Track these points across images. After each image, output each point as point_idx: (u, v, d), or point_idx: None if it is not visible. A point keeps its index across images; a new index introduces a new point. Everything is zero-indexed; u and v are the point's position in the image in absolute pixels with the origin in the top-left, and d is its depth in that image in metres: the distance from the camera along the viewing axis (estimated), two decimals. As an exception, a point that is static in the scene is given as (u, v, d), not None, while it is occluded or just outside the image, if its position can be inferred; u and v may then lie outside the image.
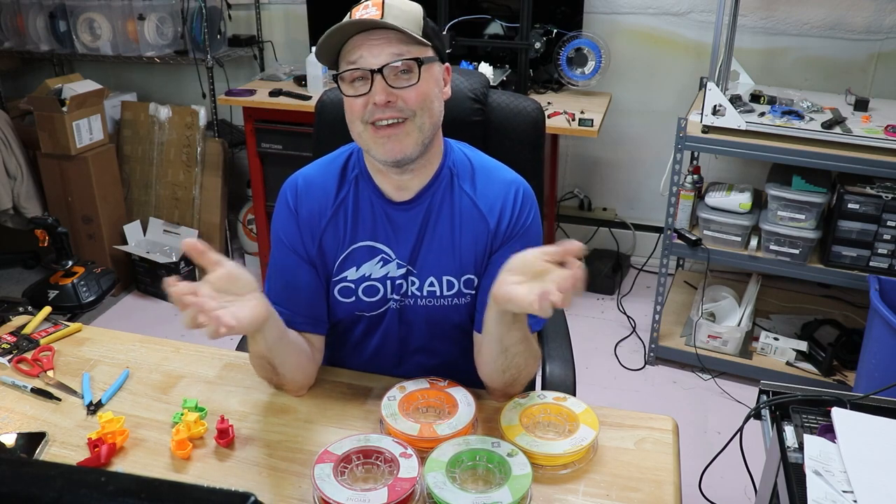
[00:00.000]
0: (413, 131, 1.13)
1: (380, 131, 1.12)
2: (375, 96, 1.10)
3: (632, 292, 3.20)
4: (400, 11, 1.11)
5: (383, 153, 1.13)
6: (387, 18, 1.08)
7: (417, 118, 1.13)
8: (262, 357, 1.15)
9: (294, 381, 1.22)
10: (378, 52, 1.09)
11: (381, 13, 1.09)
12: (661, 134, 3.06)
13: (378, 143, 1.13)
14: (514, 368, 1.16)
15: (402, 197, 1.22)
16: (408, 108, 1.11)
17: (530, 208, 1.24)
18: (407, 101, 1.11)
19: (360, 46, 1.10)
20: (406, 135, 1.13)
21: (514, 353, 1.14)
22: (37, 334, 1.41)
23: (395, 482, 1.00)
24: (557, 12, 2.88)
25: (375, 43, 1.09)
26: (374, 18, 1.08)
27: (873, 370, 2.06)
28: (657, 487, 1.05)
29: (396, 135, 1.12)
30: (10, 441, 1.12)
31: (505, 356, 1.14)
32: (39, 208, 3.16)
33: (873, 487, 0.99)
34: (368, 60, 1.09)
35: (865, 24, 2.74)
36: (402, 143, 1.13)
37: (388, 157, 1.14)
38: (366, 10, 1.10)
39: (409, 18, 1.11)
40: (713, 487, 1.73)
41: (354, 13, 1.10)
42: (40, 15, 3.33)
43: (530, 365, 1.19)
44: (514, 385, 1.20)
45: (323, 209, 1.23)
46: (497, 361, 1.16)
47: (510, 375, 1.17)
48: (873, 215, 2.29)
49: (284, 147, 2.83)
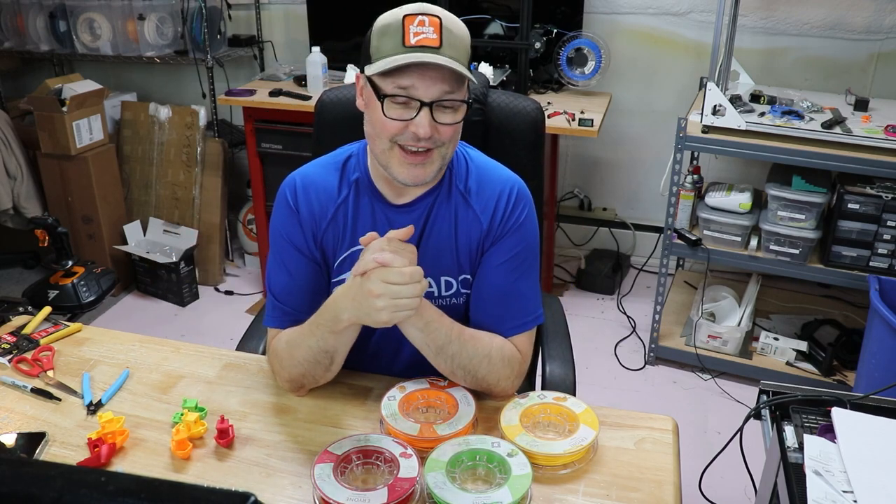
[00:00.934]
0: (437, 160, 1.15)
1: (408, 157, 1.13)
2: (420, 129, 1.09)
3: (632, 292, 3.20)
4: (456, 39, 1.10)
5: (405, 176, 1.15)
6: (445, 48, 1.08)
7: (444, 148, 1.14)
8: (330, 351, 1.16)
9: (328, 379, 1.23)
10: (431, 84, 1.09)
11: (440, 40, 1.08)
12: (661, 134, 3.06)
13: (403, 166, 1.14)
14: (461, 369, 1.17)
15: (401, 200, 1.23)
16: (440, 141, 1.13)
17: (524, 206, 1.24)
18: (443, 134, 1.12)
19: (414, 74, 1.08)
20: (431, 162, 1.14)
21: (451, 354, 1.15)
22: (37, 334, 1.41)
23: (395, 482, 1.00)
24: (557, 12, 2.88)
25: (431, 76, 1.09)
26: (433, 44, 1.07)
27: (873, 370, 2.06)
28: (657, 487, 1.05)
29: (423, 163, 1.13)
30: (10, 441, 1.12)
31: (443, 359, 1.16)
32: (39, 208, 3.16)
33: (873, 487, 0.99)
34: (420, 92, 1.09)
35: (865, 24, 2.74)
36: (426, 170, 1.14)
37: (409, 181, 1.15)
38: (422, 27, 1.08)
39: (461, 47, 1.11)
40: (713, 487, 1.73)
41: (408, 25, 1.08)
42: (40, 15, 3.33)
43: (482, 366, 1.18)
44: (481, 385, 1.20)
45: (323, 210, 1.23)
46: (439, 364, 1.18)
47: (463, 376, 1.18)
48: (873, 215, 2.29)
49: (284, 147, 2.83)
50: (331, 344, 1.15)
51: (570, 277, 3.30)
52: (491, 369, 1.19)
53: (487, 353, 1.18)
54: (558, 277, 3.29)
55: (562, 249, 3.44)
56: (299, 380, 1.22)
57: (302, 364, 1.19)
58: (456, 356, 1.16)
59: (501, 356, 1.20)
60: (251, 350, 1.42)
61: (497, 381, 1.20)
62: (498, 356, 1.19)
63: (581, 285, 3.23)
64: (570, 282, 3.28)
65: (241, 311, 3.10)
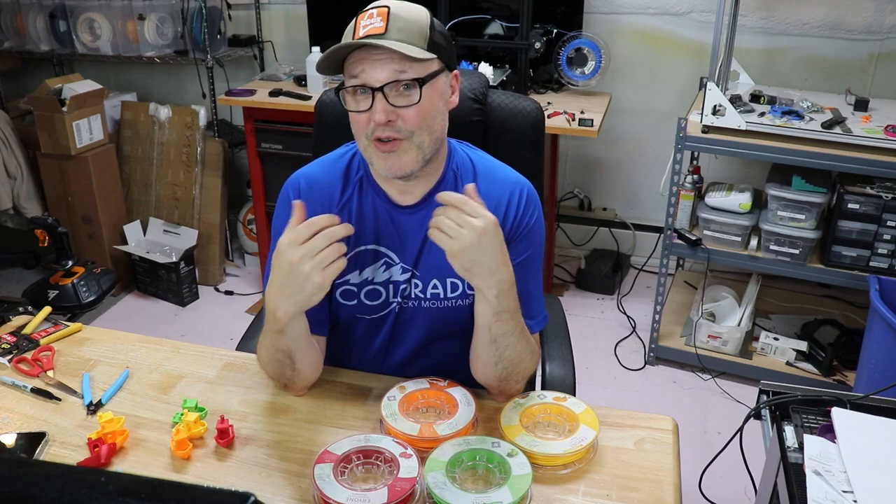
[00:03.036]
0: (411, 149, 1.13)
1: (381, 146, 1.12)
2: (375, 114, 1.09)
3: (632, 292, 3.20)
4: (405, 23, 1.08)
5: (384, 168, 1.14)
6: (391, 31, 1.06)
7: (416, 137, 1.12)
8: (285, 350, 1.15)
9: (305, 378, 1.22)
10: (380, 67, 1.07)
11: (386, 25, 1.07)
12: (661, 134, 3.06)
13: (380, 158, 1.13)
14: (505, 361, 1.16)
15: (406, 201, 1.22)
16: (406, 129, 1.10)
17: (534, 209, 1.24)
18: (406, 120, 1.10)
19: (363, 61, 1.08)
20: (405, 152, 1.12)
21: (504, 346, 1.14)
22: (37, 334, 1.41)
23: (395, 482, 1.00)
24: (557, 12, 2.89)
25: (378, 59, 1.07)
26: (378, 32, 1.06)
27: (873, 370, 2.06)
28: (657, 487, 1.05)
29: (395, 151, 1.12)
30: (10, 441, 1.12)
31: (495, 347, 1.15)
32: (39, 208, 3.16)
33: (873, 487, 0.99)
34: (370, 76, 1.08)
35: (865, 24, 2.74)
36: (402, 160, 1.13)
37: (388, 173, 1.14)
38: (370, 19, 1.08)
39: (413, 30, 1.09)
40: (713, 487, 1.73)
41: (359, 21, 1.09)
42: (40, 15, 3.33)
43: (525, 361, 1.18)
44: (507, 381, 1.19)
45: (326, 210, 1.22)
46: (488, 352, 1.16)
47: (502, 368, 1.17)
48: (873, 215, 2.29)
49: (284, 147, 2.83)
50: (282, 343, 1.14)
51: (570, 277, 3.31)
52: (527, 366, 1.20)
53: (533, 349, 1.20)
54: (558, 277, 3.29)
55: (562, 249, 3.44)
56: (277, 379, 1.23)
57: (270, 364, 1.20)
58: (509, 348, 1.15)
59: (533, 355, 1.21)
60: (251, 350, 1.41)
61: (522, 379, 1.21)
62: (534, 355, 1.21)
63: (581, 285, 3.23)
64: (570, 282, 3.28)
65: (241, 311, 3.10)
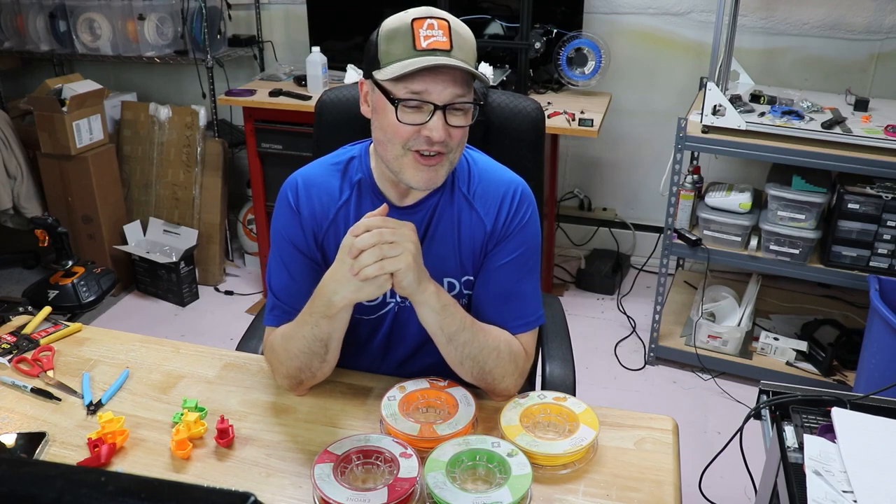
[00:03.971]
0: (446, 164, 1.15)
1: (423, 160, 1.13)
2: (434, 132, 1.09)
3: (632, 292, 3.20)
4: (464, 42, 1.10)
5: (418, 181, 1.14)
6: (455, 51, 1.08)
7: (453, 153, 1.15)
8: (324, 339, 1.16)
9: (326, 373, 1.23)
10: (443, 88, 1.09)
11: (450, 43, 1.08)
12: (661, 134, 3.06)
13: (417, 170, 1.14)
14: (469, 359, 1.17)
15: (404, 202, 1.23)
16: (450, 146, 1.13)
17: (527, 208, 1.24)
18: (453, 138, 1.12)
19: (427, 80, 1.08)
20: (441, 167, 1.14)
21: (461, 343, 1.15)
22: (37, 334, 1.41)
23: (395, 482, 1.00)
24: (557, 12, 2.88)
25: (444, 79, 1.09)
26: (443, 48, 1.07)
27: (873, 370, 2.06)
28: (657, 487, 1.05)
29: (434, 166, 1.13)
30: (10, 441, 1.12)
31: (453, 346, 1.16)
32: (39, 208, 3.16)
33: (873, 487, 0.99)
34: (433, 95, 1.09)
35: (865, 24, 2.74)
36: (437, 174, 1.15)
37: (421, 186, 1.15)
38: (432, 30, 1.08)
39: (469, 49, 1.11)
40: (713, 487, 1.73)
41: (417, 29, 1.08)
42: (40, 15, 3.33)
43: (492, 357, 1.18)
44: (486, 379, 1.19)
45: (325, 211, 1.24)
46: (450, 354, 1.17)
47: (470, 367, 1.18)
48: (873, 215, 2.28)
49: (284, 147, 2.83)
50: (325, 331, 1.15)
51: (570, 277, 3.30)
52: (499, 362, 1.19)
53: (496, 346, 1.19)
54: (558, 277, 3.29)
55: (562, 249, 3.44)
56: (297, 375, 1.22)
57: (298, 357, 1.19)
58: (467, 344, 1.16)
59: (509, 351, 1.20)
60: (251, 350, 1.42)
61: (502, 376, 1.20)
62: (506, 350, 1.20)
63: (581, 285, 3.23)
64: (570, 282, 3.28)
65: (241, 311, 3.10)
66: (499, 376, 1.20)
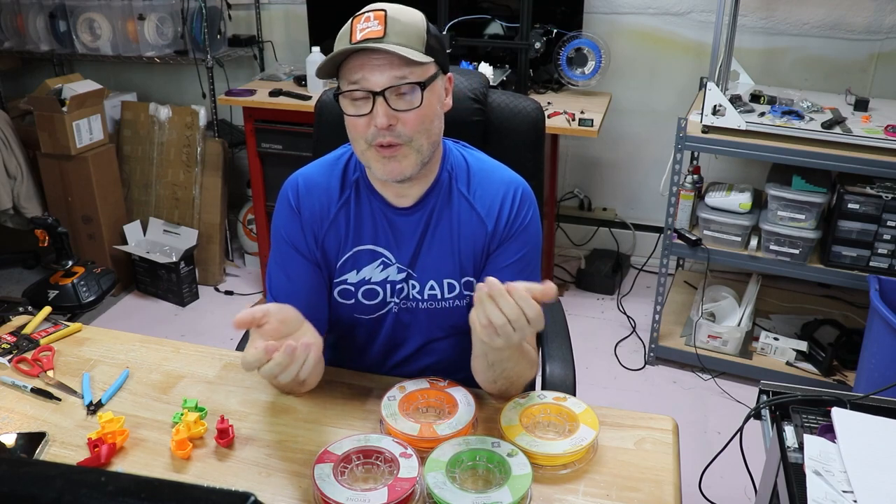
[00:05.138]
0: (411, 154, 1.13)
1: (381, 151, 1.12)
2: (377, 119, 1.09)
3: (632, 292, 3.20)
4: (402, 26, 1.08)
5: (383, 173, 1.14)
6: (389, 35, 1.06)
7: (415, 142, 1.12)
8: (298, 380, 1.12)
9: (309, 386, 1.22)
10: (380, 73, 1.08)
11: (384, 29, 1.07)
12: (661, 134, 3.06)
13: (379, 162, 1.13)
14: (503, 379, 1.17)
15: (402, 203, 1.23)
16: (405, 133, 1.11)
17: (528, 208, 1.24)
18: (406, 124, 1.10)
19: (363, 67, 1.08)
20: (404, 157, 1.13)
21: (502, 368, 1.15)
22: (37, 334, 1.41)
23: (395, 482, 1.00)
24: (557, 12, 2.88)
25: (377, 64, 1.07)
26: (376, 36, 1.06)
27: (873, 370, 2.06)
28: (657, 487, 1.05)
29: (395, 156, 1.12)
30: (10, 441, 1.12)
31: (493, 370, 1.16)
32: (39, 208, 3.16)
33: (873, 487, 0.99)
34: (370, 81, 1.08)
35: (865, 24, 2.74)
36: (402, 164, 1.13)
37: (387, 177, 1.15)
38: (367, 22, 1.08)
39: (411, 34, 1.09)
40: (713, 487, 1.73)
41: (356, 24, 1.08)
42: (40, 15, 3.33)
43: (524, 373, 1.19)
44: (508, 391, 1.20)
45: (325, 211, 1.24)
46: (486, 374, 1.17)
47: (501, 385, 1.18)
48: (873, 215, 2.28)
49: (284, 147, 2.83)
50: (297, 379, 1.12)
51: (570, 277, 3.30)
52: (528, 375, 1.21)
53: (532, 361, 1.21)
54: (558, 277, 3.29)
55: (562, 249, 3.44)
56: (282, 388, 1.23)
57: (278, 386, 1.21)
58: (508, 368, 1.15)
59: (531, 363, 1.22)
60: (251, 350, 1.41)
61: (522, 385, 1.22)
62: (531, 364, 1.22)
63: (581, 285, 3.23)
64: (570, 282, 3.28)
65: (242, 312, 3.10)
66: (520, 387, 1.21)
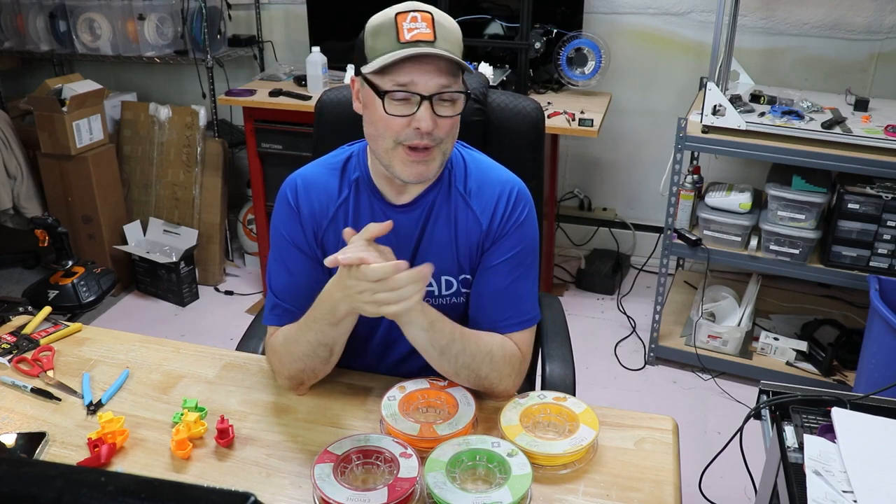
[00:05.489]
0: (438, 156, 1.15)
1: (412, 154, 1.13)
2: (422, 122, 1.10)
3: (632, 292, 3.20)
4: (448, 32, 1.11)
5: (408, 175, 1.15)
6: (439, 41, 1.08)
7: (443, 144, 1.15)
8: (329, 343, 1.16)
9: (327, 372, 1.23)
10: (429, 78, 1.09)
11: (433, 34, 1.08)
12: (661, 134, 3.06)
13: (406, 164, 1.14)
14: (465, 369, 1.17)
15: (401, 200, 1.23)
16: (440, 137, 1.13)
17: (524, 207, 1.24)
18: (442, 129, 1.12)
19: (412, 71, 1.09)
20: (433, 159, 1.15)
21: (454, 353, 1.15)
22: (37, 334, 1.41)
23: (395, 482, 1.00)
24: (557, 12, 2.88)
25: (427, 69, 1.09)
26: (427, 39, 1.08)
27: (873, 370, 2.06)
28: (657, 487, 1.05)
29: (425, 160, 1.14)
30: (10, 441, 1.12)
31: (447, 359, 1.16)
32: (39, 208, 3.16)
33: (873, 487, 0.99)
34: (420, 86, 1.09)
35: (865, 24, 2.74)
36: (429, 167, 1.15)
37: (412, 179, 1.16)
38: (415, 23, 1.09)
39: (455, 40, 1.12)
40: (713, 487, 1.73)
41: (401, 22, 1.09)
42: (40, 15, 3.33)
43: (485, 363, 1.18)
44: (484, 384, 1.20)
45: (324, 210, 1.24)
46: (442, 366, 1.18)
47: (467, 376, 1.18)
48: (873, 215, 2.28)
49: (284, 147, 2.83)
50: (329, 336, 1.15)
51: (570, 277, 3.30)
52: (493, 367, 1.19)
53: (489, 351, 1.19)
54: (558, 277, 3.29)
55: (562, 249, 3.44)
56: (298, 376, 1.22)
57: (301, 359, 1.19)
58: (459, 355, 1.16)
59: (503, 354, 1.20)
60: (251, 350, 1.42)
61: (499, 379, 1.20)
62: (499, 354, 1.20)
63: (581, 285, 3.23)
64: (570, 282, 3.28)
65: (241, 311, 3.10)
66: (496, 380, 1.20)
